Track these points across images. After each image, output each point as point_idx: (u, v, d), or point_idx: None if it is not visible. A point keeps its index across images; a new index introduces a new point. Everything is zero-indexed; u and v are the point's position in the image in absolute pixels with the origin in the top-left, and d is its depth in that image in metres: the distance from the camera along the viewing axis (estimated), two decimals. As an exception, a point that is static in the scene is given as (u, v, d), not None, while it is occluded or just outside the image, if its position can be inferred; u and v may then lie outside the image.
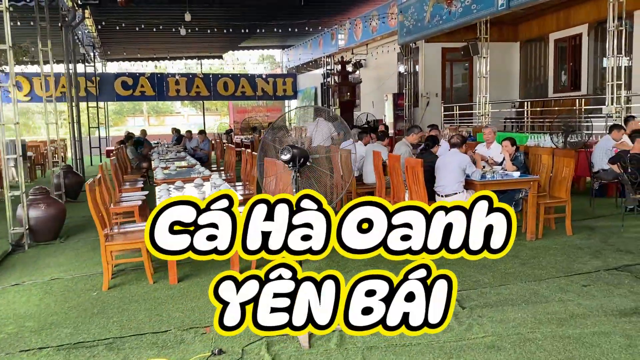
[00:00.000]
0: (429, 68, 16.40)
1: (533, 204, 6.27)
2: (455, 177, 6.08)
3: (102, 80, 24.14)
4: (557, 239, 6.35)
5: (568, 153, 6.53)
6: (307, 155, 3.85)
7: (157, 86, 24.94)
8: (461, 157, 6.13)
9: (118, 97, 25.23)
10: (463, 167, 6.08)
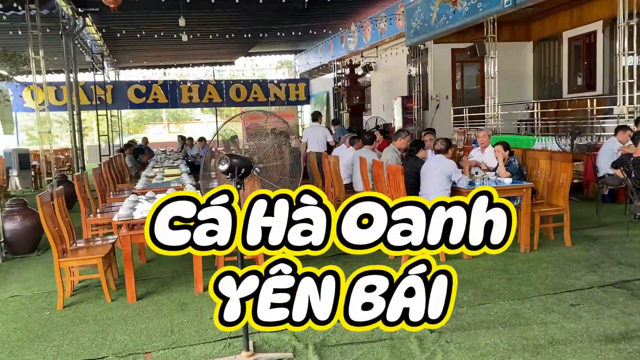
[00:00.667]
0: (438, 70, 15.91)
1: (527, 213, 5.81)
2: (439, 184, 5.66)
3: (115, 89, 24.21)
4: (553, 250, 5.87)
5: (566, 157, 6.05)
6: (249, 165, 3.49)
7: (170, 93, 24.83)
8: (445, 163, 5.71)
9: (131, 105, 25.20)
10: (448, 174, 5.65)
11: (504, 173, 6.13)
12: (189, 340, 3.96)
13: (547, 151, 7.84)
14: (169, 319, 4.42)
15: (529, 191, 5.79)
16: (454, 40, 15.15)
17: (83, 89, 23.28)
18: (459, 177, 5.64)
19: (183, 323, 4.30)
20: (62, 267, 4.84)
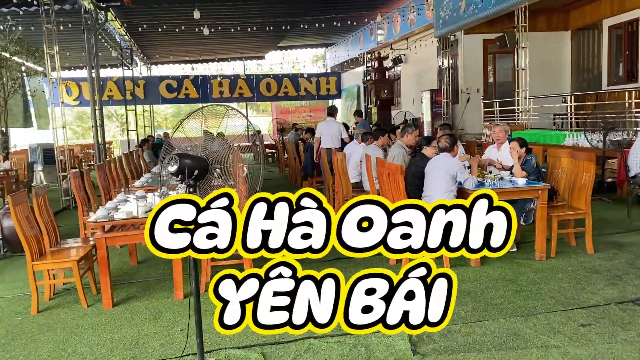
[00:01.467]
0: (469, 62, 15.23)
1: (542, 217, 5.28)
2: (443, 186, 5.19)
3: (147, 84, 24.39)
4: (572, 258, 5.31)
5: (588, 156, 5.46)
6: (205, 166, 3.13)
7: (201, 88, 24.86)
8: (450, 163, 5.22)
9: (163, 100, 25.36)
10: (452, 174, 5.17)
11: (519, 172, 5.60)
12: (151, 354, 3.65)
13: (569, 148, 7.22)
14: (138, 329, 4.12)
15: (545, 193, 5.25)
16: (486, 31, 14.44)
17: (116, 84, 23.50)
18: (465, 178, 5.15)
19: (151, 335, 4.00)
20: (39, 269, 4.61)
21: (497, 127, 6.40)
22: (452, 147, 5.35)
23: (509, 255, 5.48)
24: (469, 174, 5.19)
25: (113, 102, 24.74)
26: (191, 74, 25.17)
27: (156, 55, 22.75)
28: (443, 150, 5.38)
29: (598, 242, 5.75)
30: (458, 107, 15.61)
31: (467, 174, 5.17)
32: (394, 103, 19.17)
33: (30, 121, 20.51)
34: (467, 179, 5.14)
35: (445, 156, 5.31)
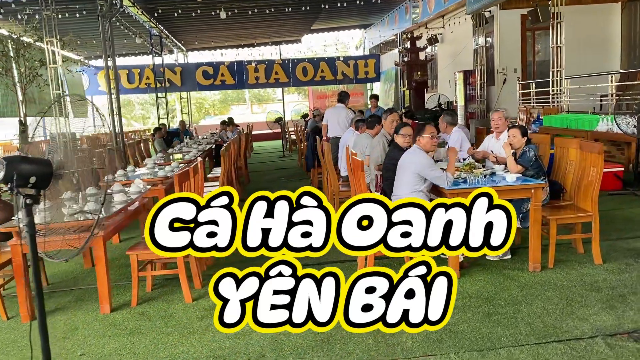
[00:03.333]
0: (505, 39, 14.06)
1: (536, 220, 4.42)
2: (409, 184, 4.42)
3: (184, 71, 24.23)
4: (573, 270, 4.44)
5: (596, 147, 4.53)
6: (50, 171, 2.54)
7: (237, 74, 24.49)
8: (417, 158, 4.42)
9: (199, 86, 25.11)
10: (418, 171, 4.38)
11: (514, 167, 4.74)
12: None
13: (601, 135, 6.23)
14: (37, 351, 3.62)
15: (539, 192, 4.39)
16: (523, 5, 13.26)
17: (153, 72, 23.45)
18: (435, 175, 4.33)
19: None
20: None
21: (496, 112, 5.52)
22: (416, 138, 4.51)
23: (499, 264, 4.68)
24: (441, 172, 4.37)
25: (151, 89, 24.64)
26: (227, 59, 24.85)
27: (186, 41, 22.54)
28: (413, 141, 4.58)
29: (613, 249, 4.86)
30: (494, 89, 14.50)
31: (438, 171, 4.35)
32: (429, 86, 18.12)
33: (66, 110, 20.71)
34: (439, 176, 4.33)
35: (414, 151, 4.50)
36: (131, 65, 24.25)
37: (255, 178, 11.38)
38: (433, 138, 4.54)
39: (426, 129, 4.53)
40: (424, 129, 4.52)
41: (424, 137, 4.51)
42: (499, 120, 5.43)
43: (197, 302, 4.28)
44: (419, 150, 4.46)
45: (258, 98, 49.34)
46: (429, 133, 4.51)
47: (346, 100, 8.87)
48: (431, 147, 4.56)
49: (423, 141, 4.50)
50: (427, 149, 4.53)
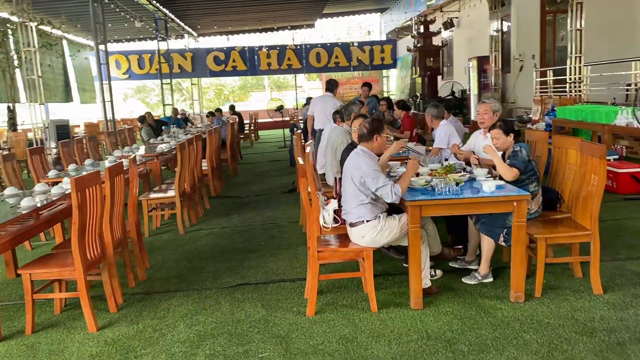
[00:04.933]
0: (523, 23, 13.00)
1: (519, 241, 3.57)
2: (353, 196, 3.60)
3: (195, 56, 23.58)
4: (566, 302, 3.59)
5: (597, 150, 3.65)
6: None
7: (249, 60, 23.75)
8: (359, 162, 3.57)
9: (211, 72, 24.42)
10: (360, 179, 3.55)
11: (508, 171, 3.84)
12: None
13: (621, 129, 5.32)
14: None
15: (523, 204, 3.52)
16: (543, -15, 12.20)
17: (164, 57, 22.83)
18: (377, 186, 3.48)
19: None
20: None
21: (482, 104, 4.63)
22: (372, 135, 3.66)
23: (475, 290, 3.86)
24: (385, 179, 3.50)
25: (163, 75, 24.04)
26: (238, 45, 24.08)
27: (195, 25, 21.81)
28: (360, 140, 3.73)
29: (619, 273, 4.00)
30: (509, 76, 13.47)
31: (383, 180, 3.49)
32: (444, 73, 17.11)
33: (71, 95, 20.25)
34: (382, 187, 3.46)
35: (358, 154, 3.65)
36: (142, 50, 23.69)
37: (245, 172, 10.66)
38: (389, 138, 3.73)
39: (384, 127, 3.70)
40: (382, 127, 3.68)
41: (382, 137, 3.68)
42: (484, 114, 4.55)
43: (103, 331, 3.56)
44: (363, 153, 3.62)
45: (277, 84, 48.60)
46: (387, 132, 3.69)
47: (335, 88, 8.00)
48: (384, 149, 3.74)
49: (379, 142, 3.67)
50: (379, 152, 3.70)
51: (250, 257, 4.98)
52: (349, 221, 3.65)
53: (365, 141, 3.67)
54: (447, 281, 4.06)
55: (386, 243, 3.69)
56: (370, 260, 3.57)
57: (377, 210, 3.62)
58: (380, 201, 3.65)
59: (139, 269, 4.50)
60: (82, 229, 3.48)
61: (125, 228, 4.29)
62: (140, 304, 3.98)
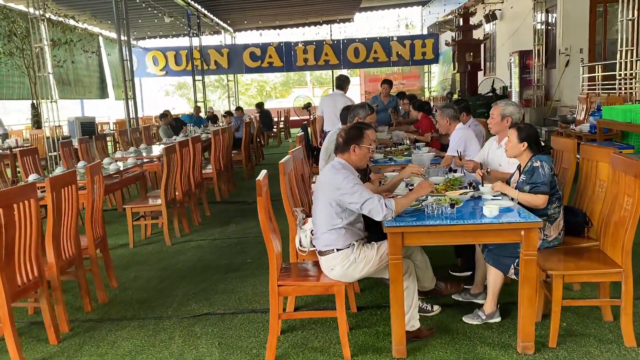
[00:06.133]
0: (570, 14, 11.93)
1: (528, 279, 2.87)
2: (325, 219, 2.96)
3: (231, 52, 23.31)
4: (588, 356, 2.86)
5: (633, 166, 2.88)
6: None
7: (285, 56, 23.28)
8: (337, 178, 2.93)
9: (247, 69, 24.09)
10: (331, 199, 2.91)
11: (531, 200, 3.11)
12: None
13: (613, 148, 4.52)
14: None
15: (533, 234, 2.81)
16: (593, -28, 11.15)
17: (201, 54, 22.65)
18: (363, 200, 2.82)
19: None
20: None
21: (495, 107, 3.89)
22: (348, 147, 3.01)
23: (476, 334, 3.18)
24: (370, 192, 2.85)
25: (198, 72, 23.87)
26: (274, 41, 23.66)
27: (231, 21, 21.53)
28: (336, 151, 3.09)
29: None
30: (554, 72, 12.43)
31: (367, 192, 2.83)
32: (485, 68, 16.13)
33: (107, 92, 20.29)
34: (368, 199, 2.79)
35: (333, 166, 3.01)
36: (179, 46, 23.56)
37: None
38: (372, 150, 3.07)
39: (365, 135, 3.05)
40: (362, 136, 3.03)
41: (362, 149, 3.02)
42: (491, 119, 3.82)
43: (31, 370, 3.07)
44: (341, 167, 2.98)
45: (319, 81, 48.11)
46: (368, 143, 3.03)
47: (346, 85, 7.24)
48: (365, 162, 3.09)
49: (358, 154, 3.02)
50: (359, 165, 3.05)
51: (229, 277, 4.41)
52: (318, 249, 3.02)
53: (342, 152, 3.03)
54: (446, 319, 3.38)
55: (361, 277, 3.04)
56: (342, 297, 2.93)
57: (352, 237, 2.97)
58: (357, 226, 3.01)
59: (99, 290, 4.00)
60: (7, 251, 2.99)
61: (80, 245, 3.79)
62: (87, 335, 3.47)
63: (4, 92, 13.51)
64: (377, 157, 5.27)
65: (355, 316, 3.50)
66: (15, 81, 13.85)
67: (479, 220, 2.84)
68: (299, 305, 3.67)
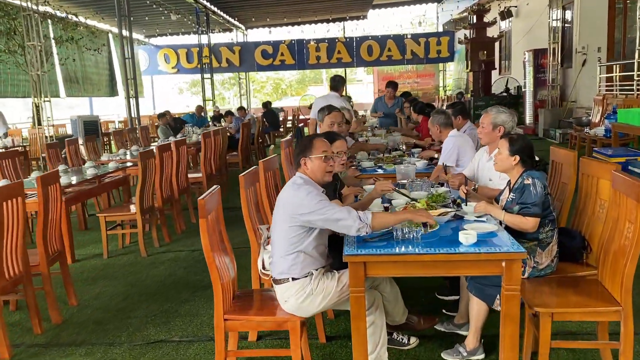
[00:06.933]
0: (588, 11, 11.42)
1: (510, 317, 2.47)
2: (282, 242, 2.59)
3: (243, 50, 23.05)
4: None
5: (635, 188, 2.47)
6: None
7: (297, 54, 22.95)
8: (298, 195, 2.54)
9: (259, 67, 23.82)
10: (292, 219, 2.54)
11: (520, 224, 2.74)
12: None
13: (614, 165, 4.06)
14: None
15: (515, 266, 2.41)
16: (612, -34, 10.61)
17: (212, 51, 22.42)
18: (327, 218, 2.45)
19: None
20: None
21: (486, 114, 3.49)
22: (298, 160, 2.63)
23: (455, 375, 2.78)
24: (337, 206, 2.49)
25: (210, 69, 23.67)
26: (286, 38, 23.32)
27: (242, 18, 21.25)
28: (297, 168, 2.73)
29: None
30: (571, 72, 11.91)
31: (336, 206, 2.47)
32: (499, 67, 15.62)
33: (116, 90, 20.14)
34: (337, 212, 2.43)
35: (294, 182, 2.65)
36: (191, 44, 23.35)
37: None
38: (330, 159, 2.69)
39: (315, 145, 2.67)
40: (310, 147, 2.66)
41: (314, 160, 2.65)
42: (482, 128, 3.43)
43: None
44: (301, 181, 2.60)
45: (336, 79, 47.69)
46: (320, 152, 2.66)
47: (340, 87, 6.85)
48: (327, 174, 2.70)
49: (311, 166, 2.66)
50: (319, 179, 2.68)
51: (196, 297, 4.08)
52: (273, 276, 2.66)
53: (297, 167, 2.68)
54: (423, 353, 3.00)
55: (320, 311, 2.67)
56: (297, 334, 2.57)
57: (311, 264, 2.60)
58: (319, 251, 2.64)
59: (52, 310, 3.69)
60: None
61: (28, 262, 3.49)
62: (28, 363, 3.17)
63: (9, 90, 13.36)
64: (366, 165, 4.88)
65: (324, 348, 3.14)
66: (21, 79, 13.68)
67: (453, 249, 2.45)
68: (262, 334, 3.32)
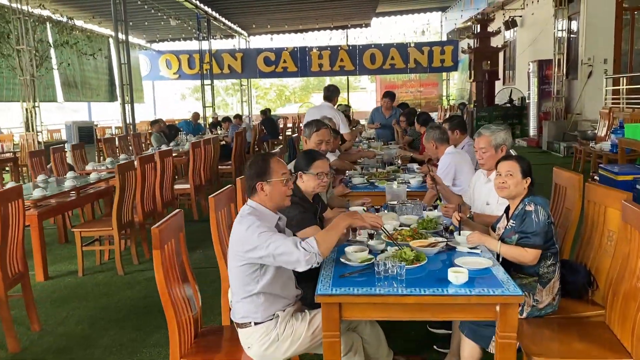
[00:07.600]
0: (594, 22, 11.13)
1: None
2: (236, 280, 2.29)
3: (245, 57, 22.86)
4: None
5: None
6: None
7: (300, 61, 22.74)
8: (241, 229, 2.24)
9: (261, 73, 23.60)
10: (238, 258, 2.24)
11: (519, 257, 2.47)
12: None
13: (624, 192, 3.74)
14: None
15: (512, 311, 2.11)
16: (619, -23, 10.34)
17: (214, 57, 22.23)
18: (269, 254, 2.15)
19: None
20: None
21: (479, 138, 3.18)
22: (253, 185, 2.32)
23: None
24: (283, 236, 2.19)
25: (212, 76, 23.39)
26: (290, 45, 23.12)
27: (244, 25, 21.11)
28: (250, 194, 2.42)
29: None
30: (576, 83, 11.61)
31: (280, 237, 2.17)
32: (503, 77, 15.34)
33: (116, 95, 19.93)
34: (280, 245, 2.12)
35: (241, 215, 2.32)
36: (193, 50, 23.17)
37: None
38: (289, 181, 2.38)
39: (273, 168, 2.33)
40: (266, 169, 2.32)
41: (274, 184, 2.32)
42: (483, 153, 3.13)
43: None
44: (246, 212, 2.27)
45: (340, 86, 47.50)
46: (280, 175, 2.33)
47: (334, 97, 6.51)
48: (286, 199, 2.39)
49: (269, 192, 2.33)
50: (280, 204, 2.37)
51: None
52: (234, 320, 2.36)
53: (251, 195, 2.37)
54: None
55: (288, 358, 2.36)
56: (262, 381, 2.27)
57: (274, 305, 2.29)
58: (285, 286, 2.34)
59: (9, 338, 3.40)
60: None
61: (-20, 287, 3.20)
62: (-26, 400, 2.88)
63: (4, 94, 13.12)
64: (357, 182, 4.58)
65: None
66: (16, 83, 13.43)
67: (440, 290, 2.15)
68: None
